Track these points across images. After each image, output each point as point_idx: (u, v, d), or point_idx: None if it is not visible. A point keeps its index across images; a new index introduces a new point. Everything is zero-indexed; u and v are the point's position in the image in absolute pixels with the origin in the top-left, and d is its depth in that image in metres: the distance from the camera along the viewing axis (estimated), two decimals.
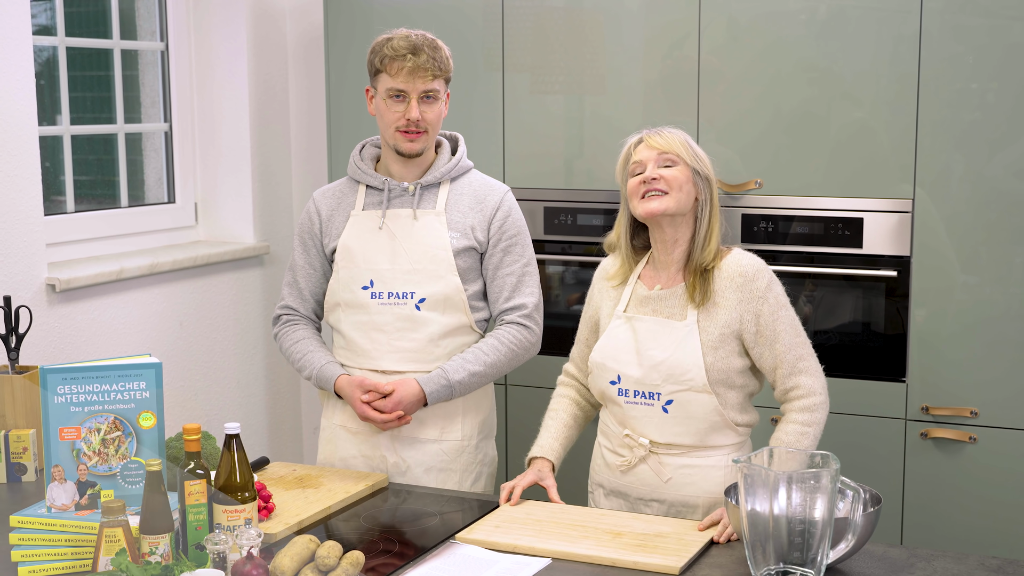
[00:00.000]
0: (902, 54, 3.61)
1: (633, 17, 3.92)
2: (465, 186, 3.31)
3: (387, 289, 3.23)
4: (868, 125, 3.67)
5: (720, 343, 2.86)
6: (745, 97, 3.80)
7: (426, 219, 3.24)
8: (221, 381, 4.49)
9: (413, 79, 3.16)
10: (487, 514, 2.87)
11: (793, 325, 2.89)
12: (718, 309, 2.87)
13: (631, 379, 2.93)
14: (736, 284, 2.87)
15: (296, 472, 3.17)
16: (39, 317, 3.69)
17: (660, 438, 2.92)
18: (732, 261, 2.91)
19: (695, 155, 2.90)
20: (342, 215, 3.32)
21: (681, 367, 2.86)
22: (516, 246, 3.30)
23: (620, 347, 2.96)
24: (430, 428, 3.27)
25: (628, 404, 2.95)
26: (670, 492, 2.93)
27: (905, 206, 3.64)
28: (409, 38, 3.18)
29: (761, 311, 2.86)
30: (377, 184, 3.28)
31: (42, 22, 4.10)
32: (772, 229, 3.80)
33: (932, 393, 3.68)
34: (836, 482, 2.34)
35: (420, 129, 3.19)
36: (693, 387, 2.86)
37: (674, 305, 2.92)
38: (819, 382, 2.89)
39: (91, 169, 4.42)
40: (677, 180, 2.86)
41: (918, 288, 3.66)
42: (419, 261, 3.22)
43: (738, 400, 2.92)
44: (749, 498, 2.37)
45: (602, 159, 4.00)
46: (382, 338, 3.24)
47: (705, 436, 2.90)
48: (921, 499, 3.72)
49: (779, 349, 2.86)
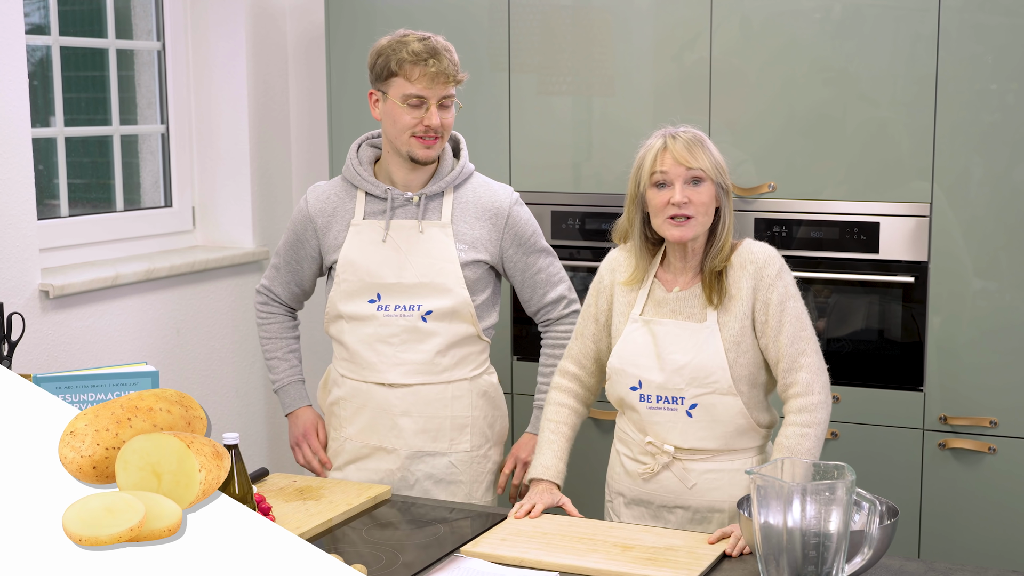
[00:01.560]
0: (920, 54, 3.62)
1: (642, 16, 3.93)
2: (469, 193, 3.30)
3: (393, 302, 3.24)
4: (885, 127, 3.68)
5: (741, 337, 2.87)
6: (758, 98, 3.81)
7: (431, 231, 3.24)
8: (219, 390, 4.50)
9: (434, 85, 3.14)
10: (493, 526, 2.87)
11: (799, 318, 2.88)
12: (734, 302, 2.88)
13: (653, 384, 2.92)
14: (748, 272, 2.88)
15: (296, 483, 3.17)
16: (32, 324, 3.69)
17: (684, 443, 2.92)
18: (744, 250, 2.92)
19: (717, 166, 2.90)
20: (340, 223, 3.31)
21: (705, 369, 2.87)
22: (535, 245, 3.35)
23: (640, 351, 2.95)
24: (440, 440, 3.29)
25: (650, 410, 2.94)
26: (695, 498, 2.94)
27: (922, 210, 3.65)
28: (426, 41, 3.16)
29: (770, 299, 2.86)
30: (379, 193, 3.27)
31: (35, 21, 4.10)
32: (786, 233, 3.81)
33: (950, 402, 3.69)
34: (852, 494, 2.34)
35: (437, 135, 3.18)
36: (718, 389, 2.86)
37: (693, 306, 2.93)
38: (818, 380, 2.86)
39: (86, 172, 4.42)
40: (704, 203, 2.86)
41: (936, 294, 3.67)
42: (426, 275, 3.22)
43: (760, 399, 2.93)
44: (762, 510, 2.36)
45: (610, 162, 4.01)
46: (388, 350, 3.26)
47: (731, 439, 2.91)
48: (939, 511, 3.72)
49: (782, 341, 2.86)
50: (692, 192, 2.86)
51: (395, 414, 3.28)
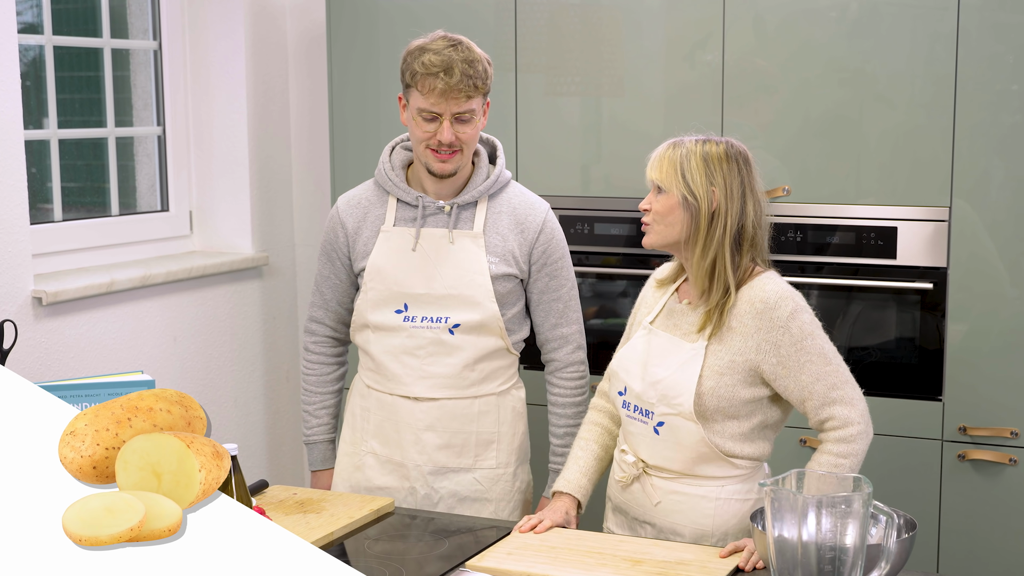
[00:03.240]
0: (938, 54, 3.64)
1: (653, 15, 3.95)
2: (504, 204, 3.29)
3: (420, 313, 3.24)
4: (903, 129, 3.70)
5: (728, 369, 2.85)
6: (772, 100, 3.83)
7: (463, 242, 3.24)
8: (218, 400, 4.51)
9: (446, 101, 3.08)
10: (499, 540, 2.88)
11: (822, 354, 2.84)
12: (734, 335, 2.86)
13: (633, 393, 2.96)
14: (756, 311, 2.84)
15: (297, 496, 3.17)
16: (25, 332, 3.69)
17: (651, 459, 2.94)
18: (756, 286, 2.88)
19: (684, 181, 2.86)
20: (370, 229, 3.30)
21: (674, 390, 2.87)
22: (562, 269, 3.33)
23: (633, 358, 2.99)
24: (464, 456, 3.31)
25: (628, 418, 2.99)
26: (659, 516, 2.95)
27: (942, 214, 3.67)
28: (443, 53, 3.08)
29: (781, 341, 2.82)
30: (410, 200, 3.26)
31: (28, 20, 4.10)
32: (801, 239, 3.83)
33: (970, 412, 3.70)
34: (868, 506, 2.35)
35: (454, 149, 3.15)
36: (681, 412, 2.86)
37: (692, 324, 2.93)
38: (857, 411, 2.85)
39: (80, 175, 4.43)
40: (660, 212, 2.89)
41: (955, 301, 3.68)
42: (455, 287, 3.22)
43: (741, 431, 2.89)
44: (776, 523, 2.37)
45: (620, 165, 4.03)
46: (414, 363, 3.26)
47: (693, 465, 2.90)
48: (958, 524, 3.73)
49: (805, 380, 2.83)
50: (654, 200, 2.91)
51: (419, 428, 3.28)
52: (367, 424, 3.37)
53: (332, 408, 3.51)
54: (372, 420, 3.36)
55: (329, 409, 3.50)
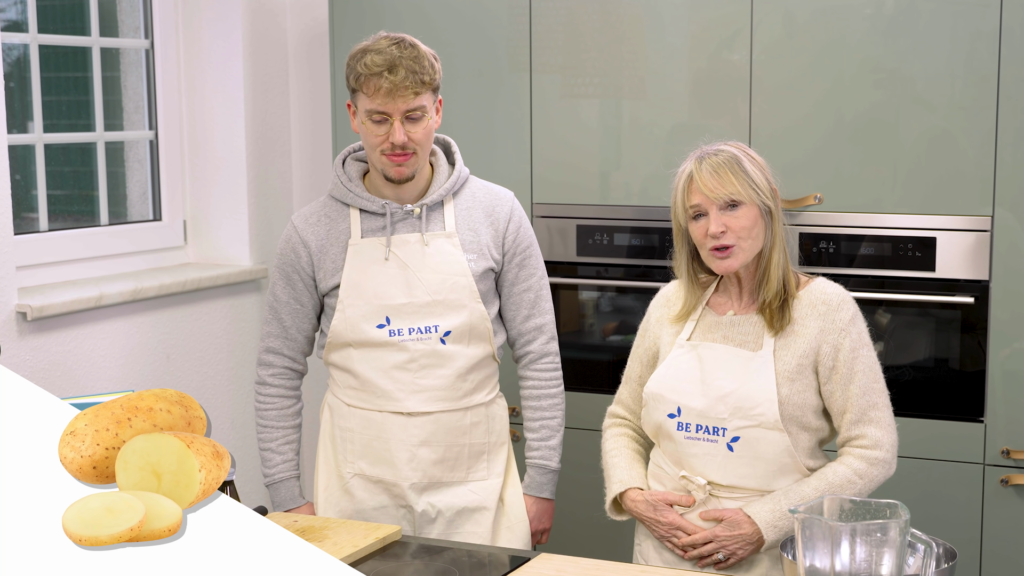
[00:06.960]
0: (980, 53, 3.68)
1: (676, 12, 4.00)
2: (469, 199, 3.42)
3: (406, 324, 3.33)
4: (942, 133, 3.74)
5: (797, 374, 2.94)
6: (803, 102, 3.88)
7: (437, 243, 3.34)
8: (213, 420, 4.36)
9: (393, 100, 3.19)
10: (512, 571, 2.87)
11: (872, 368, 2.96)
12: (797, 337, 2.96)
13: (693, 412, 2.99)
14: (819, 312, 2.96)
15: (297, 523, 3.16)
16: (8, 348, 3.74)
17: (722, 479, 2.98)
18: (816, 288, 3.01)
19: (754, 186, 2.96)
20: (337, 246, 3.38)
21: (752, 400, 2.93)
22: (531, 258, 3.46)
23: (682, 376, 3.03)
24: (458, 470, 3.41)
25: (688, 440, 3.01)
26: None
27: (983, 224, 3.72)
28: (385, 52, 3.19)
29: (842, 345, 2.94)
30: (376, 209, 3.35)
31: (11, 17, 4.14)
32: (834, 250, 3.88)
33: (1013, 434, 3.74)
34: (906, 535, 2.38)
35: (408, 151, 3.26)
36: (763, 423, 2.92)
37: (748, 332, 3.01)
38: (888, 438, 2.96)
39: (67, 182, 4.45)
40: (745, 227, 2.94)
41: (998, 316, 3.73)
42: (438, 291, 3.32)
43: (809, 445, 2.99)
44: (808, 552, 2.40)
45: (641, 171, 4.08)
46: (406, 377, 3.34)
47: (772, 479, 2.96)
48: (1001, 552, 3.77)
49: (852, 391, 2.93)
50: (729, 219, 2.94)
51: (413, 444, 3.37)
52: (351, 445, 3.44)
53: (295, 444, 3.56)
54: (357, 440, 3.43)
55: (292, 445, 3.55)
